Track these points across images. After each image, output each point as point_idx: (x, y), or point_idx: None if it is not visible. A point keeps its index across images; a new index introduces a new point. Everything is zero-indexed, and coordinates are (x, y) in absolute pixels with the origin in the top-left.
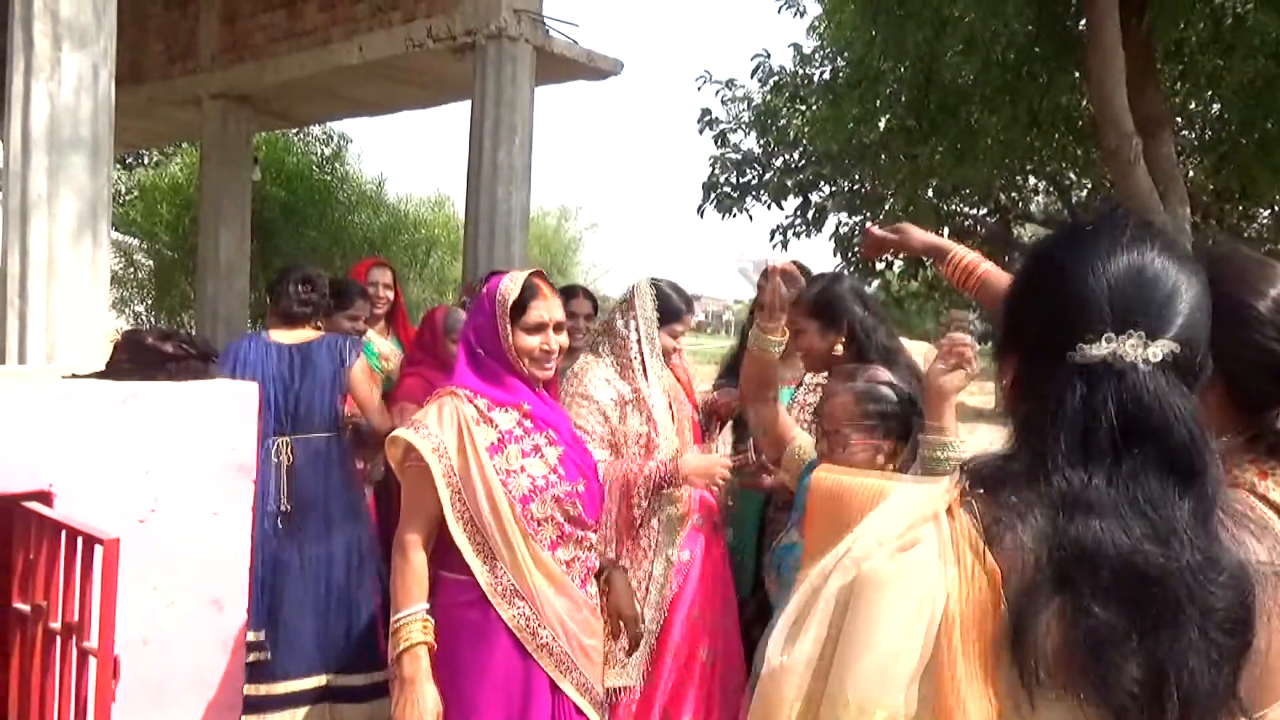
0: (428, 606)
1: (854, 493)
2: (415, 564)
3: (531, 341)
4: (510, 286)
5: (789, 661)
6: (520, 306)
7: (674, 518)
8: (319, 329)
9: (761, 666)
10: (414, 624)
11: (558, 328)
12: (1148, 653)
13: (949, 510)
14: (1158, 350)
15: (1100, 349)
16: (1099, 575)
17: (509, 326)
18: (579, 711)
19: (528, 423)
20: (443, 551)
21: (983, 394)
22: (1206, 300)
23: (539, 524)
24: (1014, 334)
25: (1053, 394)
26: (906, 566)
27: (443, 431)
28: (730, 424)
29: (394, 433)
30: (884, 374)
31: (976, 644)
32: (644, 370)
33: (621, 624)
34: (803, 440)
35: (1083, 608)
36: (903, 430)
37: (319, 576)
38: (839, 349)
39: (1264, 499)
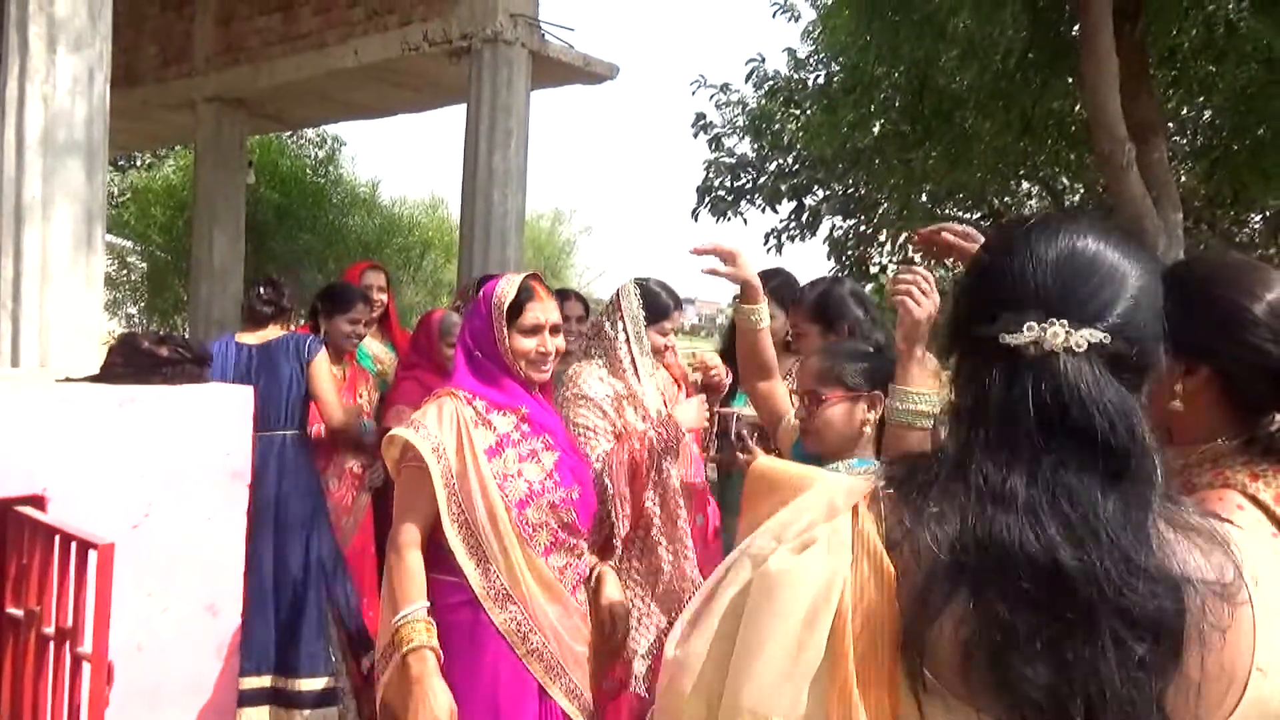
0: (428, 605)
1: (785, 481)
2: (412, 563)
3: (527, 344)
4: (506, 289)
5: (683, 656)
6: (516, 309)
7: (679, 512)
8: (287, 329)
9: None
10: (417, 626)
11: (554, 330)
12: (1055, 659)
13: (857, 508)
14: (1082, 338)
15: (1021, 336)
16: (1005, 575)
17: (505, 329)
18: (567, 717)
19: (525, 427)
20: (434, 553)
21: None
22: (1155, 294)
23: (534, 529)
24: (955, 326)
25: (978, 385)
26: (801, 567)
27: (442, 431)
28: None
29: (392, 431)
30: (861, 346)
31: (873, 647)
32: (635, 369)
33: (613, 620)
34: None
35: (986, 609)
36: (879, 384)
37: (270, 576)
38: None
39: (1254, 499)
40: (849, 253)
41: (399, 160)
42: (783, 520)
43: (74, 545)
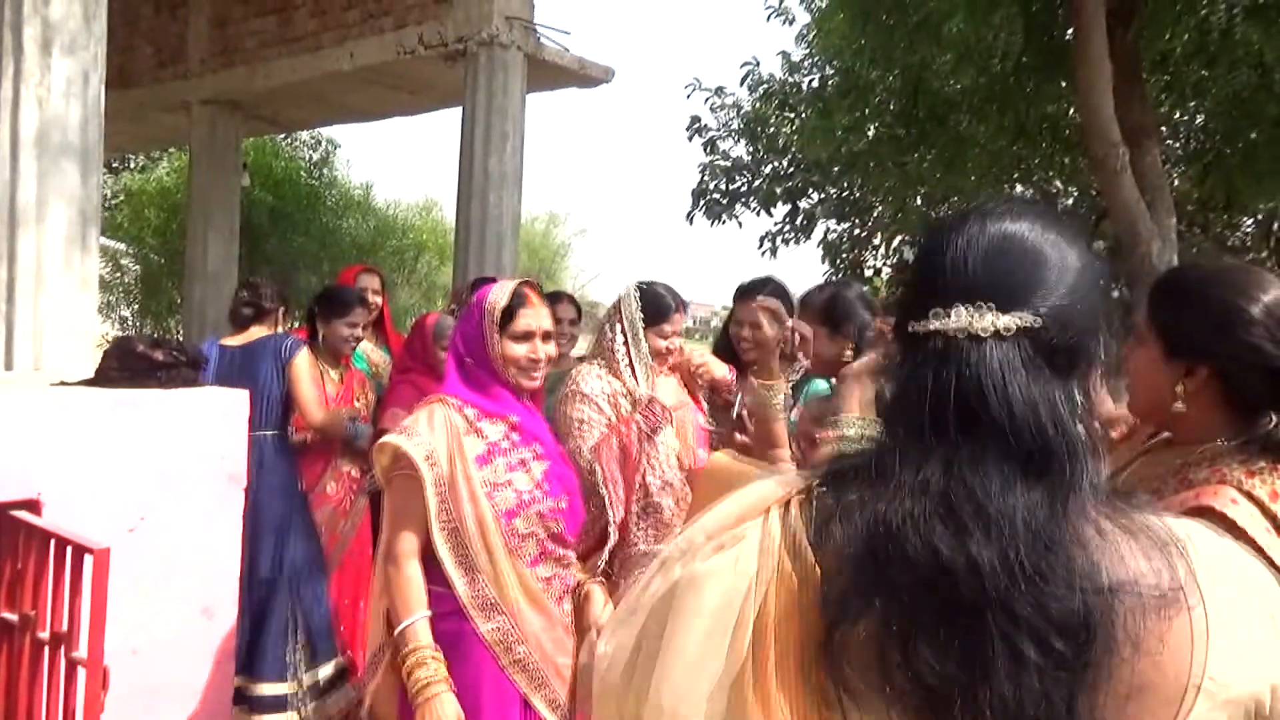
0: (429, 614)
1: (734, 476)
2: (410, 573)
3: (519, 350)
4: (499, 295)
5: (611, 653)
6: (508, 314)
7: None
8: (275, 330)
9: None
10: (426, 658)
11: (545, 336)
12: (961, 655)
13: (788, 505)
14: (1009, 322)
15: (947, 322)
16: (910, 570)
17: (497, 335)
18: None
19: (515, 435)
20: (423, 562)
21: None
22: (1094, 283)
23: (522, 539)
24: (895, 323)
25: (904, 377)
26: (723, 567)
27: (434, 438)
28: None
29: (383, 439)
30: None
31: (795, 649)
32: (632, 371)
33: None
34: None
35: (894, 606)
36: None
37: (242, 576)
38: (848, 354)
39: (1249, 495)
40: (843, 256)
41: (393, 163)
42: (717, 517)
43: (69, 549)
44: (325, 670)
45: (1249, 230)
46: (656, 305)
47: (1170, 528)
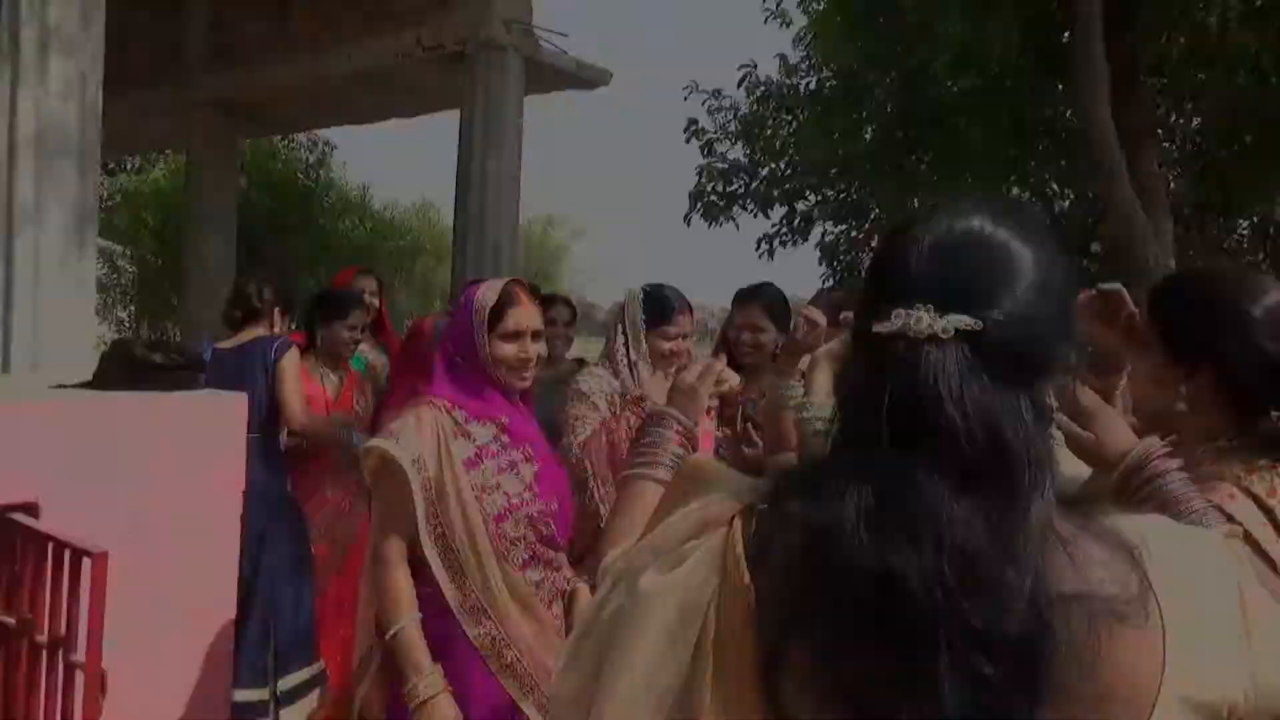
0: (419, 617)
1: (704, 477)
2: (400, 577)
3: (508, 349)
4: (487, 294)
5: (561, 683)
6: (497, 313)
7: None
8: (271, 331)
9: None
10: (416, 644)
11: (535, 335)
12: (895, 675)
13: (733, 520)
14: (950, 324)
15: (889, 324)
16: (843, 589)
17: (486, 334)
18: None
19: (505, 437)
20: (411, 564)
21: None
22: (1055, 286)
23: (511, 543)
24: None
25: (848, 379)
26: (670, 587)
27: (421, 442)
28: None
29: (370, 443)
30: None
31: (734, 672)
32: (632, 374)
33: None
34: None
35: (828, 626)
36: None
37: None
38: None
39: (1246, 491)
40: (841, 258)
41: (389, 164)
42: (666, 535)
43: (68, 553)
44: (299, 676)
45: (1245, 233)
46: (660, 306)
47: (1130, 531)
